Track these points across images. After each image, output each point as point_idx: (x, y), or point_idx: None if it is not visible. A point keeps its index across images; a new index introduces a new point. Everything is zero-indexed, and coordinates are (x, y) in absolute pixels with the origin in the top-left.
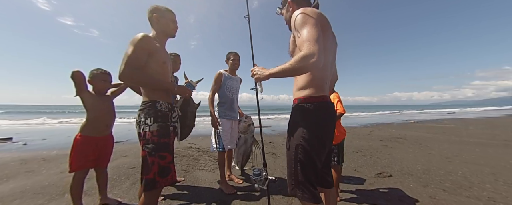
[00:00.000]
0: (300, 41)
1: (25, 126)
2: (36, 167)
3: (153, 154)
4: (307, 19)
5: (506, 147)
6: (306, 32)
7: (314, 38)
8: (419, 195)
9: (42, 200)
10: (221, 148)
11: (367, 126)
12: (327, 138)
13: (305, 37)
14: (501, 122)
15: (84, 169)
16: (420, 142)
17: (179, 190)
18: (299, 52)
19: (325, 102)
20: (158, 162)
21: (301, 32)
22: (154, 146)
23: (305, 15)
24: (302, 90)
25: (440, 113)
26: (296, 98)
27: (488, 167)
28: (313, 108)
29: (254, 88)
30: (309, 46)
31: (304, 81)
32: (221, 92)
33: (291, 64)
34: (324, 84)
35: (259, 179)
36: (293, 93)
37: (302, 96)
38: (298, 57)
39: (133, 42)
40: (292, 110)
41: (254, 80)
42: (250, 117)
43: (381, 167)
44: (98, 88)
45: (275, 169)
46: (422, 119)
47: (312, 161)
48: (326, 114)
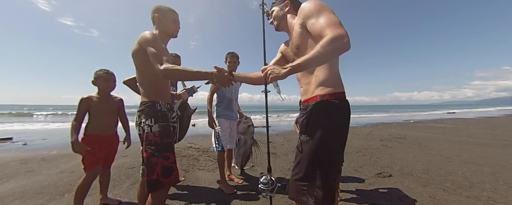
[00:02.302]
0: (319, 26)
1: (25, 126)
2: (36, 167)
3: (156, 155)
4: (323, 5)
5: (506, 147)
6: (326, 17)
7: (336, 21)
8: (419, 195)
9: (42, 200)
10: (220, 148)
11: (367, 126)
12: (346, 137)
13: (327, 22)
14: (501, 122)
15: (97, 167)
16: (420, 142)
17: (179, 190)
18: (324, 37)
19: (346, 99)
20: (161, 163)
21: (319, 18)
22: (157, 147)
23: (319, 2)
24: (325, 87)
25: (440, 113)
26: (317, 95)
27: (488, 167)
28: (340, 104)
29: (264, 90)
30: (335, 29)
31: (326, 77)
32: (220, 92)
33: (320, 50)
34: (341, 80)
35: (268, 188)
36: (309, 90)
37: (326, 92)
38: (326, 41)
39: (153, 40)
40: (311, 109)
41: (268, 80)
42: (250, 118)
43: (381, 167)
44: (101, 88)
45: (275, 169)
46: (422, 119)
47: (334, 164)
48: (349, 112)
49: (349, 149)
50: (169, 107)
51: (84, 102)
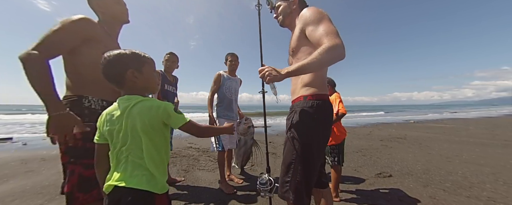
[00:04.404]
0: (318, 34)
1: (25, 126)
2: (36, 167)
3: (73, 161)
4: (324, 15)
5: (506, 147)
6: (326, 26)
7: (335, 31)
8: (419, 195)
9: (42, 200)
10: (220, 148)
11: (367, 126)
12: (329, 137)
13: (325, 31)
14: (501, 122)
15: None
16: (420, 142)
17: (179, 190)
18: (322, 45)
19: (329, 100)
20: (79, 172)
21: (318, 27)
22: (76, 152)
23: (320, 11)
24: (309, 88)
25: (440, 113)
26: (301, 96)
27: (488, 167)
28: (322, 105)
29: (262, 91)
30: (332, 39)
31: (311, 79)
32: (220, 92)
33: (318, 57)
34: (326, 83)
35: (266, 188)
36: (296, 91)
37: (309, 94)
38: (323, 49)
39: (63, 22)
40: (296, 108)
41: (266, 81)
42: (250, 119)
43: (381, 167)
44: None
45: (275, 169)
46: (422, 119)
47: (314, 162)
48: (331, 112)
49: (349, 149)
50: (106, 105)
51: None
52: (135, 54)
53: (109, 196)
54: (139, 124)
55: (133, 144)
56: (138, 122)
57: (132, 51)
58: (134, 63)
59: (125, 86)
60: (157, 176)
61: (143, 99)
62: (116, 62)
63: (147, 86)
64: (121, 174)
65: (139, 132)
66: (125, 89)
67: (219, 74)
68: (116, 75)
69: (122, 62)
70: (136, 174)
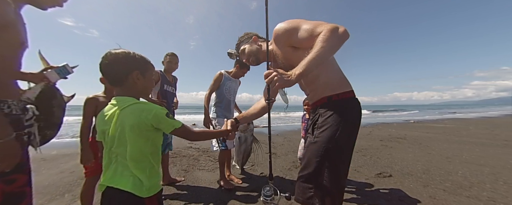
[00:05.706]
0: (310, 29)
1: None
2: (36, 167)
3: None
4: (298, 19)
5: (506, 147)
6: (310, 23)
7: (321, 22)
8: (419, 195)
9: (42, 200)
10: (223, 146)
11: (367, 126)
12: (356, 137)
13: (314, 24)
14: (501, 122)
15: (99, 174)
16: (420, 142)
17: (179, 190)
18: (321, 33)
19: (355, 97)
20: (2, 189)
21: (303, 27)
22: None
23: (293, 19)
24: (330, 87)
25: (440, 113)
26: (325, 97)
27: (488, 167)
28: (350, 104)
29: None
30: (324, 25)
31: (330, 77)
32: (219, 92)
33: (323, 44)
34: (345, 77)
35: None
36: (317, 92)
37: (333, 93)
38: (325, 34)
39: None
40: (320, 110)
41: (276, 88)
42: None
43: (381, 167)
44: (109, 87)
45: (275, 169)
46: (422, 119)
47: (343, 164)
48: (360, 111)
49: None
50: (23, 107)
51: (91, 102)
52: (143, 58)
53: (102, 196)
54: (127, 127)
55: (120, 146)
56: (127, 124)
57: (140, 55)
58: (141, 66)
59: (124, 86)
60: (143, 180)
61: (137, 102)
62: (125, 60)
63: (144, 90)
64: (111, 174)
65: (126, 134)
66: (122, 89)
67: (221, 73)
68: (120, 73)
69: (130, 62)
70: (125, 175)
